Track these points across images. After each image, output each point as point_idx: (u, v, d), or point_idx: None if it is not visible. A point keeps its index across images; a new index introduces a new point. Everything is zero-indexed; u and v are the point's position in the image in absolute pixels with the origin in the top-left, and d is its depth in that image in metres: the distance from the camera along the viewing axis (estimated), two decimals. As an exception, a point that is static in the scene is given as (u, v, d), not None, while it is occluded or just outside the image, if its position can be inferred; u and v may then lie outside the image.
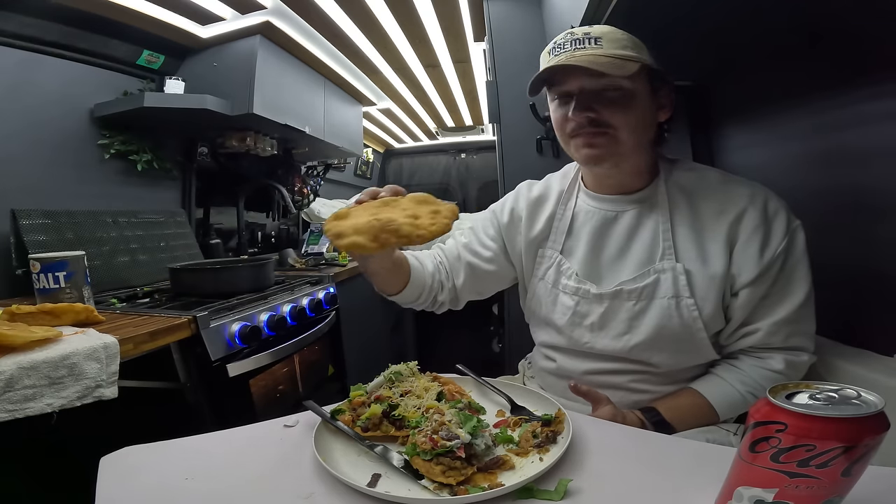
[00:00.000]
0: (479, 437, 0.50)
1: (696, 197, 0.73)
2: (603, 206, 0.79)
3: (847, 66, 0.83)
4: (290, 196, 2.37)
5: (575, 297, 0.77)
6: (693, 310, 0.69)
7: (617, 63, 0.65)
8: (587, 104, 0.69)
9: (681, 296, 0.69)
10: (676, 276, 0.69)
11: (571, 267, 0.79)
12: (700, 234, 0.71)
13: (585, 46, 0.67)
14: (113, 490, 0.48)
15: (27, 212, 1.29)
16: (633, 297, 0.72)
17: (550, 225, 0.84)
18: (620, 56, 0.66)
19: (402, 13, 1.76)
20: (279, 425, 0.61)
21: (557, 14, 1.31)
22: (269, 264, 1.56)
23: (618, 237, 0.76)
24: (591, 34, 0.68)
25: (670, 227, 0.72)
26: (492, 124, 2.00)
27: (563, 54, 0.68)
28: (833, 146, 0.89)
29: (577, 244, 0.80)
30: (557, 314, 0.79)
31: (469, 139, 3.92)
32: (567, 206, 0.83)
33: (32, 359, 0.74)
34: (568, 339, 0.78)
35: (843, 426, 0.31)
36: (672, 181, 0.75)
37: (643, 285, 0.71)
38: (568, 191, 0.84)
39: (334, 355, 1.77)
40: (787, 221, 0.68)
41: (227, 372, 1.17)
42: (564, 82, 0.70)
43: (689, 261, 0.70)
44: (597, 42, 0.67)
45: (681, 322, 0.69)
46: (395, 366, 0.66)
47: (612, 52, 0.66)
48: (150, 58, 1.74)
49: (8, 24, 1.33)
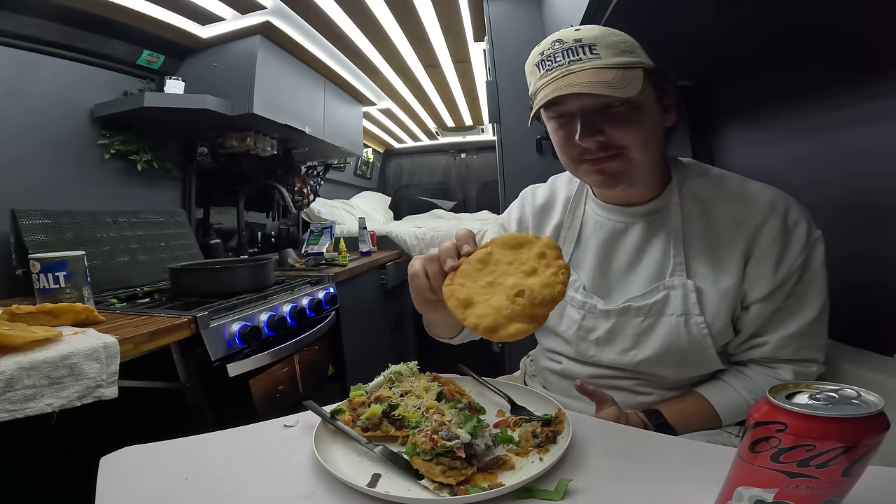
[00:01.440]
0: (479, 437, 0.50)
1: (712, 207, 0.68)
2: (612, 216, 0.75)
3: (847, 66, 0.82)
4: (290, 196, 2.37)
5: (581, 310, 0.74)
6: (703, 327, 0.66)
7: (624, 77, 0.59)
8: (594, 126, 0.62)
9: (690, 313, 0.66)
10: (687, 294, 0.66)
11: (579, 279, 0.76)
12: (714, 248, 0.67)
13: (581, 58, 0.60)
14: (112, 490, 0.48)
15: (27, 212, 1.29)
16: (642, 313, 0.69)
17: (558, 235, 0.81)
18: (622, 65, 0.60)
19: (402, 13, 1.76)
20: (279, 425, 0.61)
21: (557, 14, 1.31)
22: (269, 264, 1.56)
23: (627, 250, 0.73)
24: (583, 41, 0.61)
25: (682, 241, 0.68)
26: (492, 124, 2.00)
27: (557, 70, 0.61)
28: (833, 146, 0.89)
29: (585, 256, 0.77)
30: (564, 326, 0.77)
31: (469, 139, 3.93)
32: (575, 214, 0.80)
33: (32, 359, 0.74)
34: (574, 349, 0.77)
35: (843, 426, 0.31)
36: (686, 190, 0.70)
37: (652, 302, 0.68)
38: (575, 198, 0.80)
39: (334, 355, 1.77)
40: (808, 234, 0.63)
41: (227, 372, 1.17)
42: (563, 102, 0.62)
43: (701, 276, 0.67)
44: (592, 50, 0.60)
45: (689, 339, 0.67)
46: (395, 366, 0.66)
47: (613, 61, 0.60)
48: (150, 58, 1.74)
49: (8, 24, 1.33)
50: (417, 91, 2.72)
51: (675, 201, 0.70)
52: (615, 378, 0.74)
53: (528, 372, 0.94)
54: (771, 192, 0.66)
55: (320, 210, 2.82)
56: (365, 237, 2.43)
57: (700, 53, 1.10)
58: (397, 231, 2.79)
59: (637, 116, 0.62)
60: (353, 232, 2.62)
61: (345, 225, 2.83)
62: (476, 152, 4.02)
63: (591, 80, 0.58)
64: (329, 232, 2.32)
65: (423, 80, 2.52)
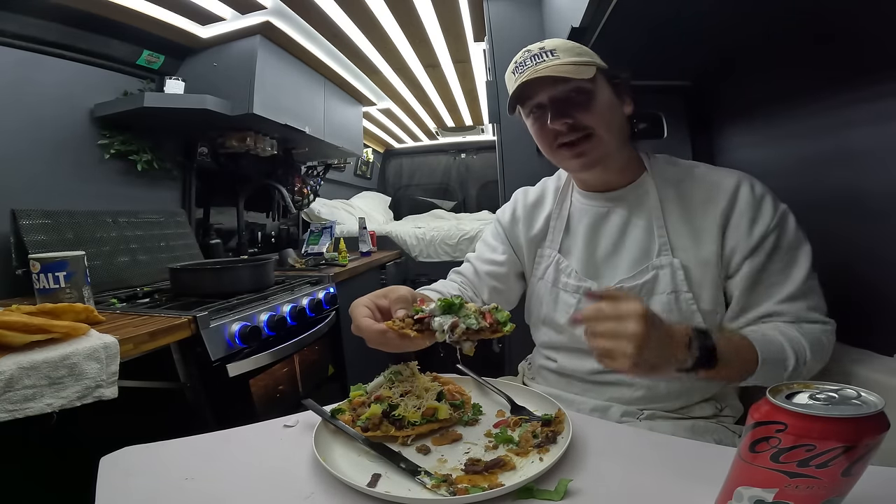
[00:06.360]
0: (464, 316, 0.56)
1: (684, 187, 0.75)
2: (594, 202, 0.81)
3: (847, 67, 0.82)
4: (290, 196, 2.37)
5: (576, 294, 0.79)
6: (691, 303, 0.71)
7: (577, 68, 0.70)
8: (563, 111, 0.72)
9: (679, 290, 0.71)
10: (675, 272, 0.71)
11: (570, 265, 0.81)
12: (691, 223, 0.72)
13: (545, 59, 0.72)
14: (113, 490, 0.48)
15: (27, 212, 1.29)
16: (633, 293, 0.72)
17: (548, 224, 0.86)
18: (577, 62, 0.71)
19: (402, 13, 1.76)
20: (279, 425, 0.61)
21: (557, 14, 1.31)
22: (269, 264, 1.56)
23: (611, 233, 0.78)
24: (546, 48, 0.73)
25: (663, 221, 0.74)
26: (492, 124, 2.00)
27: (527, 70, 0.72)
28: (833, 146, 0.89)
29: (574, 243, 0.82)
30: (559, 313, 0.81)
31: (469, 139, 3.93)
32: (563, 205, 0.86)
33: (32, 359, 0.74)
34: (569, 336, 0.79)
35: (843, 426, 0.31)
36: (658, 175, 0.77)
37: (643, 282, 0.73)
38: (563, 190, 0.87)
39: (334, 355, 1.77)
40: (774, 203, 0.69)
41: (227, 372, 1.17)
42: (534, 95, 0.74)
43: (684, 252, 0.72)
44: (553, 54, 0.72)
45: (680, 316, 0.71)
46: (395, 366, 0.66)
47: (569, 59, 0.71)
48: (150, 58, 1.74)
49: (8, 24, 1.33)
50: (417, 91, 2.72)
51: (650, 184, 0.77)
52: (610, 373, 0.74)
53: (526, 375, 0.95)
54: (736, 173, 0.73)
55: (320, 210, 2.82)
56: (365, 237, 2.43)
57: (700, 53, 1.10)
58: (397, 231, 2.79)
59: (597, 102, 0.72)
60: (353, 232, 2.62)
61: (345, 225, 2.82)
62: (476, 152, 4.02)
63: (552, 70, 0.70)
64: (329, 232, 2.32)
65: (423, 80, 2.52)
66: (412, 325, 0.58)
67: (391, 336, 0.58)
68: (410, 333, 0.57)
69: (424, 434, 0.57)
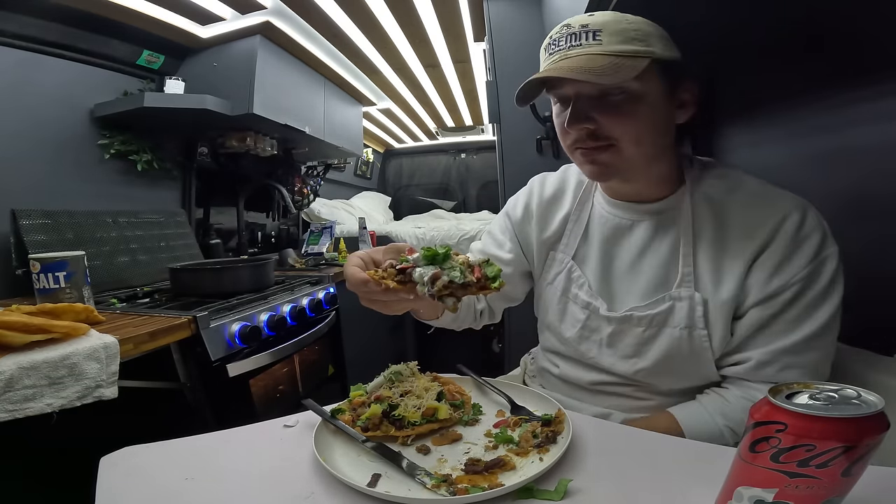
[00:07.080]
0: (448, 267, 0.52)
1: (726, 213, 0.64)
2: (617, 212, 0.72)
3: (847, 67, 0.82)
4: (290, 196, 2.37)
5: (586, 310, 0.72)
6: (704, 340, 0.64)
7: (615, 65, 0.56)
8: (585, 113, 0.61)
9: (695, 326, 0.64)
10: (693, 307, 0.63)
11: (584, 276, 0.73)
12: (719, 256, 0.63)
13: (581, 43, 0.59)
14: (113, 490, 0.48)
15: (27, 212, 1.29)
16: (644, 323, 0.67)
17: (564, 226, 0.78)
18: (622, 52, 0.57)
19: (402, 13, 1.76)
20: (279, 425, 0.61)
21: (557, 14, 1.31)
22: (269, 264, 1.56)
23: (630, 249, 0.70)
24: (590, 26, 0.59)
25: (692, 248, 0.64)
26: (492, 124, 2.00)
27: (558, 54, 0.61)
28: (833, 146, 0.89)
29: (590, 252, 0.74)
30: (566, 325, 0.75)
31: (469, 139, 3.92)
32: (584, 206, 0.77)
33: (32, 359, 0.74)
34: (574, 350, 0.75)
35: (843, 426, 0.31)
36: (700, 192, 0.66)
37: (655, 312, 0.66)
38: (586, 190, 0.77)
39: (334, 355, 1.77)
40: (819, 248, 0.59)
41: (227, 372, 1.17)
42: (561, 85, 0.62)
43: (707, 288, 0.63)
44: (595, 37, 0.58)
45: (690, 351, 0.65)
46: (395, 366, 0.66)
47: (613, 48, 0.57)
48: (150, 58, 1.74)
49: (8, 24, 1.33)
50: (417, 91, 2.72)
51: (686, 204, 0.66)
52: (612, 384, 0.73)
53: (528, 370, 0.94)
54: (793, 201, 0.61)
55: (320, 210, 2.82)
56: (365, 237, 2.43)
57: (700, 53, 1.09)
58: (397, 231, 2.79)
59: (634, 107, 0.60)
60: (353, 232, 2.62)
61: (345, 225, 2.82)
62: (476, 152, 4.02)
63: (580, 65, 0.57)
64: (329, 232, 2.32)
65: (423, 80, 2.52)
66: (394, 276, 0.53)
67: (372, 286, 0.53)
68: (390, 284, 0.52)
69: (424, 434, 0.57)
